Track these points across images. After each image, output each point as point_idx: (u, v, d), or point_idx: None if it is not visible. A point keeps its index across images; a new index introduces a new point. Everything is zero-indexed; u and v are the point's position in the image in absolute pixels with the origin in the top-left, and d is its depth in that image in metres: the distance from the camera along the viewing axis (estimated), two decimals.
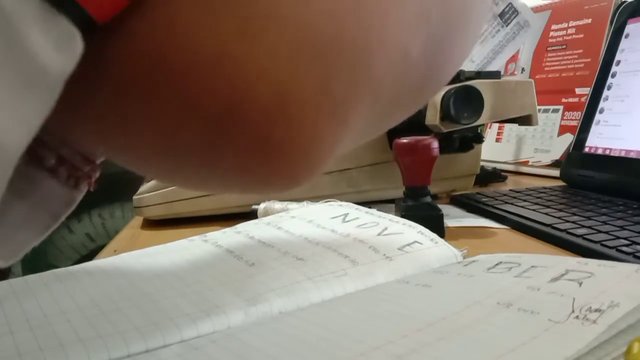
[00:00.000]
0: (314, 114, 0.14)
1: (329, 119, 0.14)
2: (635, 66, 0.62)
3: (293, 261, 0.33)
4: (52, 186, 0.19)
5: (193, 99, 0.13)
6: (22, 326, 0.25)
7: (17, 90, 0.10)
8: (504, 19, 0.76)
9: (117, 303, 0.28)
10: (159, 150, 0.15)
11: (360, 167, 0.60)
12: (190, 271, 0.32)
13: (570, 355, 0.19)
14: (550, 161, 0.80)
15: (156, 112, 0.13)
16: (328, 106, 0.14)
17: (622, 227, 0.42)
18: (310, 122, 0.14)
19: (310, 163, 0.15)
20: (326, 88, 0.14)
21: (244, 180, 0.16)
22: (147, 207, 0.56)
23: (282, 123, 0.14)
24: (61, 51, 0.11)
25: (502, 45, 0.77)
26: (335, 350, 0.22)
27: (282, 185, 0.16)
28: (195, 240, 0.39)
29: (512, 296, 0.25)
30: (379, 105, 0.17)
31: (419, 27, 0.16)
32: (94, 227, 1.72)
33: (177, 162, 0.15)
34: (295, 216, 0.44)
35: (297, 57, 0.13)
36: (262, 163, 0.15)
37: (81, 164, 0.21)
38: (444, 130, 0.53)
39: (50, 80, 0.11)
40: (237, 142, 0.14)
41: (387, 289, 0.30)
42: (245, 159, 0.14)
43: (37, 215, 0.19)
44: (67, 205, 0.20)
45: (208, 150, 0.14)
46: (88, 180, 0.21)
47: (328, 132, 0.15)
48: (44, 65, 0.10)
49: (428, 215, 0.45)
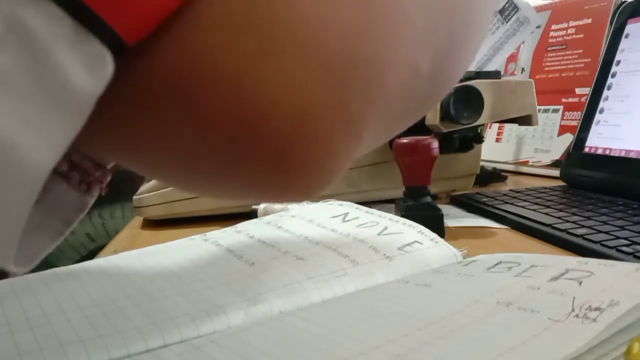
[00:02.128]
0: (330, 131, 0.14)
1: (344, 135, 0.15)
2: (635, 66, 0.62)
3: (293, 261, 0.33)
4: (64, 191, 0.20)
5: (213, 118, 0.13)
6: (22, 326, 0.25)
7: (48, 110, 0.10)
8: (504, 15, 0.76)
9: (117, 302, 0.28)
10: (177, 166, 0.15)
11: (360, 167, 0.60)
12: (190, 270, 0.32)
13: (570, 353, 0.19)
14: (550, 161, 0.80)
15: (176, 129, 0.13)
16: (343, 123, 0.15)
17: (622, 227, 0.42)
18: (326, 139, 0.15)
19: (324, 177, 0.16)
20: (341, 106, 0.14)
21: (260, 192, 0.16)
22: (147, 207, 0.56)
23: (299, 140, 0.14)
24: (92, 73, 0.11)
25: (502, 42, 0.77)
26: (335, 349, 0.22)
27: (296, 196, 0.17)
28: (196, 239, 0.39)
29: (512, 295, 0.25)
30: (389, 119, 0.17)
31: (427, 43, 0.16)
32: (94, 227, 1.72)
33: (195, 176, 0.15)
34: (295, 215, 0.44)
35: (315, 77, 0.13)
36: (278, 178, 0.15)
37: (92, 169, 0.21)
38: (444, 130, 0.53)
39: (81, 101, 0.11)
40: (255, 159, 0.14)
41: (387, 288, 0.30)
42: (262, 175, 0.15)
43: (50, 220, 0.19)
44: (79, 210, 0.20)
45: (226, 166, 0.14)
46: (100, 185, 0.21)
47: (342, 148, 0.15)
48: (75, 86, 0.10)
49: (428, 215, 0.44)
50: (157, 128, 0.14)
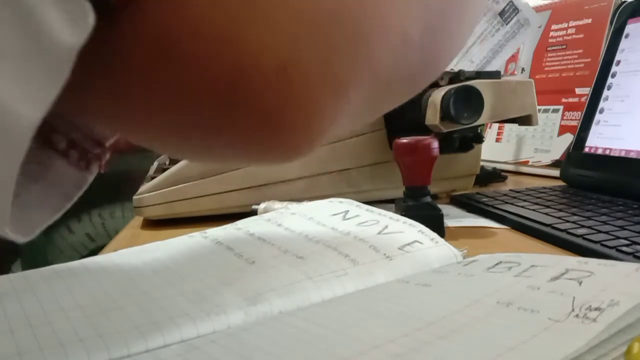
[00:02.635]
0: (316, 87, 0.14)
1: (330, 92, 0.15)
2: (635, 66, 0.62)
3: (293, 260, 0.33)
4: (64, 168, 0.20)
5: (200, 74, 0.13)
6: (22, 324, 0.25)
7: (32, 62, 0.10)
8: (504, 17, 0.76)
9: (117, 301, 0.28)
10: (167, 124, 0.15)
11: (360, 167, 0.60)
12: (190, 269, 0.32)
13: (570, 353, 0.19)
14: (550, 161, 0.80)
15: (165, 87, 0.14)
16: (329, 80, 0.15)
17: (622, 227, 0.42)
18: (312, 95, 0.15)
19: (311, 134, 0.16)
20: (327, 62, 0.14)
21: (247, 150, 0.16)
22: (147, 207, 0.56)
23: (285, 95, 0.14)
24: (74, 26, 0.11)
25: (501, 45, 0.77)
26: (335, 349, 0.22)
27: (282, 155, 0.17)
28: (195, 236, 0.39)
29: (512, 295, 0.25)
30: (377, 85, 0.17)
31: (418, 11, 0.17)
32: (94, 227, 1.72)
33: (184, 134, 0.16)
34: (295, 213, 0.44)
35: (299, 30, 0.13)
36: (264, 134, 0.15)
37: (91, 147, 0.21)
38: (444, 130, 0.53)
39: (63, 54, 0.11)
40: (242, 113, 0.14)
41: (387, 288, 0.30)
42: (249, 130, 0.15)
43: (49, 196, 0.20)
44: (79, 187, 0.21)
45: (214, 122, 0.15)
46: (99, 162, 0.22)
47: (329, 105, 0.15)
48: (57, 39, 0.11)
49: (428, 215, 0.44)
50: (142, 90, 0.14)
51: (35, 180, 0.19)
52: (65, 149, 0.20)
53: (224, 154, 0.18)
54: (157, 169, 0.67)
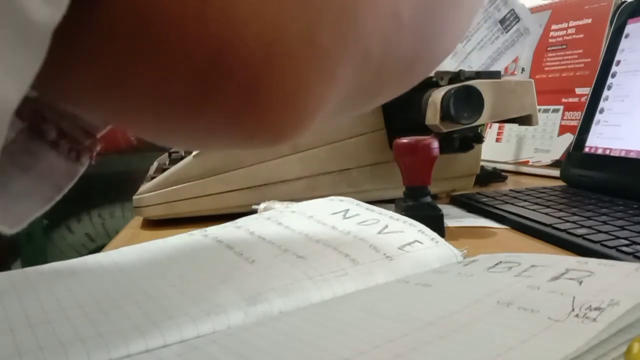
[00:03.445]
0: (301, 64, 0.14)
1: (316, 70, 0.14)
2: (635, 66, 0.62)
3: (293, 259, 0.33)
4: (53, 159, 0.20)
5: (175, 50, 0.13)
6: (22, 323, 0.25)
7: (7, 42, 0.10)
8: (504, 25, 0.76)
9: (117, 300, 0.28)
10: (140, 107, 0.15)
11: (360, 167, 0.60)
12: (190, 268, 0.32)
13: (571, 353, 0.19)
14: (550, 161, 0.80)
15: (145, 63, 0.13)
16: (315, 57, 0.14)
17: (622, 227, 0.42)
18: (297, 72, 0.14)
19: (296, 116, 0.15)
20: (312, 38, 0.14)
21: (230, 132, 0.16)
22: (147, 207, 0.56)
23: (268, 71, 0.14)
24: (49, 4, 0.11)
25: (500, 52, 0.77)
26: (335, 348, 0.22)
27: (268, 138, 0.16)
28: (196, 234, 0.39)
29: (512, 295, 0.25)
30: (368, 68, 0.17)
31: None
32: (94, 227, 1.72)
33: (165, 114, 0.15)
34: (295, 211, 0.44)
35: (282, 4, 0.13)
36: (248, 113, 0.14)
37: (82, 137, 0.21)
38: (444, 130, 0.53)
39: (40, 32, 0.11)
40: (224, 91, 0.14)
41: (387, 288, 0.30)
42: (232, 109, 0.14)
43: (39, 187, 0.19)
44: (69, 178, 0.21)
45: (195, 99, 0.14)
46: (90, 154, 0.21)
47: (315, 84, 0.15)
48: (33, 16, 0.10)
49: (428, 215, 0.44)
50: (120, 66, 0.13)
51: (25, 170, 0.19)
52: (56, 139, 0.20)
53: (207, 136, 0.17)
54: (157, 169, 0.67)
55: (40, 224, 1.59)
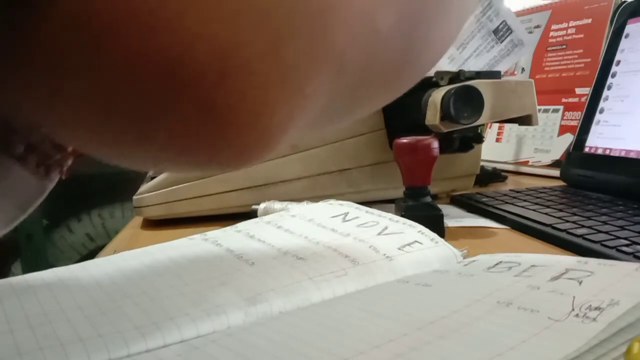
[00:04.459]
0: (262, 81, 0.13)
1: (280, 86, 0.13)
2: (635, 66, 0.62)
3: (293, 260, 0.33)
4: (20, 174, 0.19)
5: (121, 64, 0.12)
6: (22, 324, 0.25)
7: None
8: (498, 35, 0.76)
9: (117, 302, 0.28)
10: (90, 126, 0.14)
11: (360, 167, 0.60)
12: (190, 270, 0.32)
13: (571, 352, 0.19)
14: (550, 161, 0.80)
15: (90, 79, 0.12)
16: (278, 74, 0.13)
17: (622, 227, 0.42)
18: (258, 90, 0.13)
19: (259, 136, 0.14)
20: (275, 52, 0.13)
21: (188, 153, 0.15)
22: (147, 207, 0.56)
23: (224, 89, 0.13)
24: None
25: (496, 61, 0.78)
26: (335, 348, 0.22)
27: (229, 160, 0.15)
28: (195, 238, 0.39)
29: (512, 295, 0.25)
30: (344, 79, 0.16)
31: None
32: (93, 227, 1.72)
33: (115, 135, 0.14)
34: (295, 215, 0.44)
35: (240, 15, 0.12)
36: (206, 131, 0.13)
37: (52, 151, 0.20)
38: (444, 130, 0.53)
39: None
40: (178, 108, 0.13)
41: (387, 288, 0.30)
42: (187, 128, 0.13)
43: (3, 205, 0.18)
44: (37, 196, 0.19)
45: (148, 117, 0.13)
46: (59, 169, 0.20)
47: (280, 102, 0.14)
48: None
49: (428, 215, 0.44)
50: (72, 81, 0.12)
51: None
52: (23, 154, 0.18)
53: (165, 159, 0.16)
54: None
55: (40, 224, 1.59)
